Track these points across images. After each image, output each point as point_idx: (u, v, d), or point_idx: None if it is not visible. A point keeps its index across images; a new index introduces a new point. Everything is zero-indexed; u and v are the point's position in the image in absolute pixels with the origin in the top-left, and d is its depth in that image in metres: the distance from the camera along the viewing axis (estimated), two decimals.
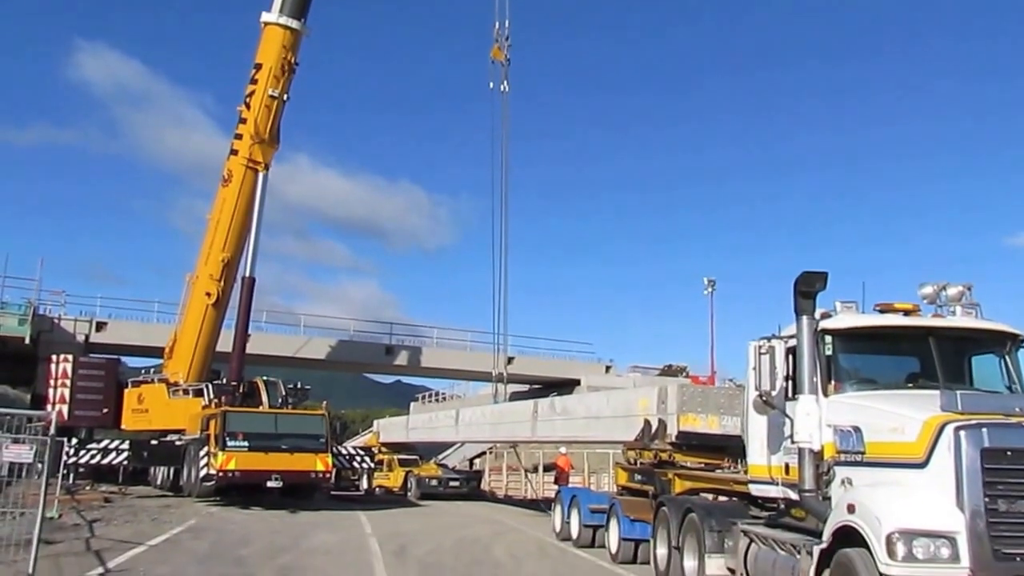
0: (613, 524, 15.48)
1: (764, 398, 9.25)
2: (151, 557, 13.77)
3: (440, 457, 40.11)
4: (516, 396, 46.45)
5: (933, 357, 9.31)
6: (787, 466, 9.38)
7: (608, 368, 51.77)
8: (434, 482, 31.11)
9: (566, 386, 44.74)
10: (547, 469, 33.54)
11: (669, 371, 52.41)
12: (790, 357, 9.47)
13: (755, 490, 10.46)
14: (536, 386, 49.52)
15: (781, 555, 9.37)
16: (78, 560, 13.03)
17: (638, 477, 16.06)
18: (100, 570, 12.11)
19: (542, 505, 26.32)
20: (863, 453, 8.45)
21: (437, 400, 57.95)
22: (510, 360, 47.84)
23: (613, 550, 15.26)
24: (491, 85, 37.42)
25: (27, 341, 37.53)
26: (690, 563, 11.55)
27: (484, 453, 43.54)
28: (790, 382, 9.45)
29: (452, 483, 31.43)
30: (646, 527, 13.90)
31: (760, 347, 9.49)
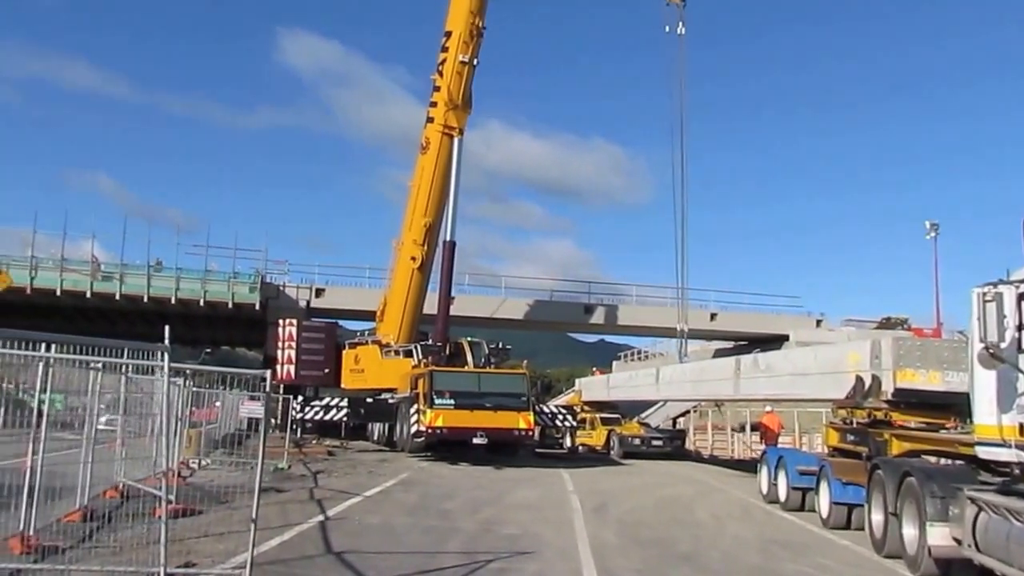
0: (823, 487, 14.69)
1: (991, 351, 8.37)
2: (366, 507, 14.59)
3: (643, 416, 39.89)
4: (720, 353, 45.37)
5: None
6: (1021, 426, 8.48)
7: (819, 322, 49.37)
8: (636, 441, 30.97)
9: (773, 342, 43.06)
10: (754, 429, 32.52)
11: (887, 324, 49.32)
12: (1021, 304, 8.49)
13: (983, 453, 9.53)
14: (741, 342, 48.08)
15: (1017, 526, 8.47)
16: (302, 507, 14.04)
17: (850, 437, 15.17)
18: (320, 518, 12.92)
19: (748, 466, 25.60)
20: None
21: (639, 358, 57.60)
22: (713, 316, 46.87)
23: (824, 514, 14.51)
24: (667, 28, 36.46)
25: (257, 307, 40.88)
26: (910, 531, 10.74)
27: (688, 412, 42.92)
28: (1022, 332, 8.48)
29: (655, 442, 31.16)
30: (859, 491, 13.07)
31: (985, 294, 8.58)
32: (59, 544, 8.77)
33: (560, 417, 29.22)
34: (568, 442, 33.00)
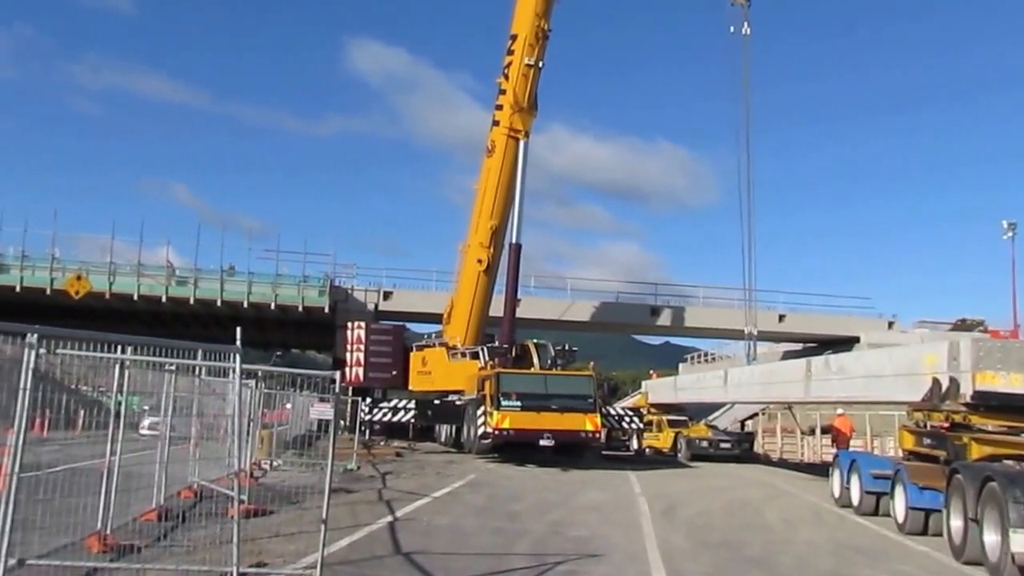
0: (899, 491, 14.30)
1: None
2: (434, 508, 14.71)
3: (710, 418, 39.41)
4: (789, 355, 44.57)
5: None
6: None
7: (891, 324, 48.17)
8: (704, 443, 30.64)
9: (843, 344, 42.11)
10: (824, 431, 31.85)
11: (963, 326, 47.88)
12: None
13: None
14: (810, 345, 47.23)
15: None
16: (371, 508, 14.22)
17: (927, 441, 14.74)
18: (389, 518, 13.06)
19: (818, 469, 25.09)
20: None
21: (706, 360, 56.93)
22: (781, 318, 46.09)
23: (899, 519, 14.12)
24: (731, 29, 36.00)
25: (326, 310, 41.59)
26: (991, 538, 10.39)
27: (756, 414, 42.26)
28: None
29: (723, 444, 30.78)
30: (937, 496, 12.70)
31: None
32: (135, 543, 9.00)
33: (626, 419, 29.04)
34: (635, 444, 32.75)
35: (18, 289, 39.24)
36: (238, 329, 8.66)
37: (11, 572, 6.90)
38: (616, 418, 28.65)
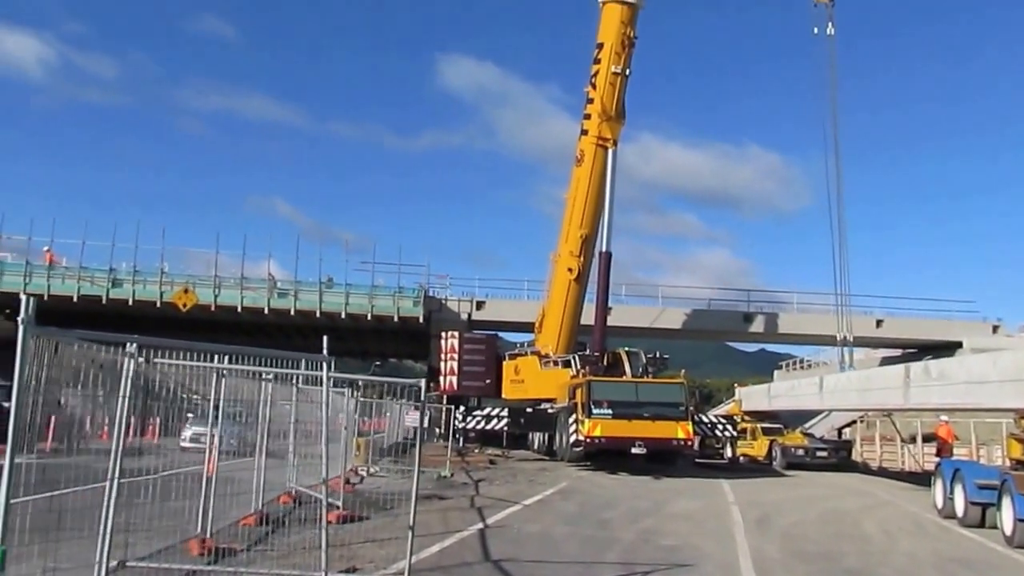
0: (1006, 502, 13.73)
1: None
2: (524, 516, 14.83)
3: (806, 426, 38.51)
4: (887, 361, 43.18)
5: None
6: None
7: (996, 328, 46.08)
8: (800, 451, 29.98)
9: (945, 349, 40.47)
10: (926, 439, 30.74)
11: None
12: None
13: None
14: (910, 350, 45.55)
15: None
16: (462, 515, 14.45)
17: None
18: (480, 525, 13.23)
19: (920, 478, 24.24)
20: None
21: (802, 367, 55.57)
22: (878, 323, 44.71)
23: (1007, 532, 13.56)
24: (815, 30, 35.30)
25: (420, 320, 42.33)
26: None
27: (854, 422, 40.95)
28: None
29: (819, 453, 30.06)
30: None
31: None
32: (234, 547, 9.37)
33: (719, 427, 28.69)
34: (728, 452, 32.30)
35: (131, 302, 41.16)
36: (324, 339, 8.97)
37: (112, 574, 7.25)
38: (709, 426, 28.33)
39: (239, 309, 41.66)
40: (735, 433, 29.63)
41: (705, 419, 28.85)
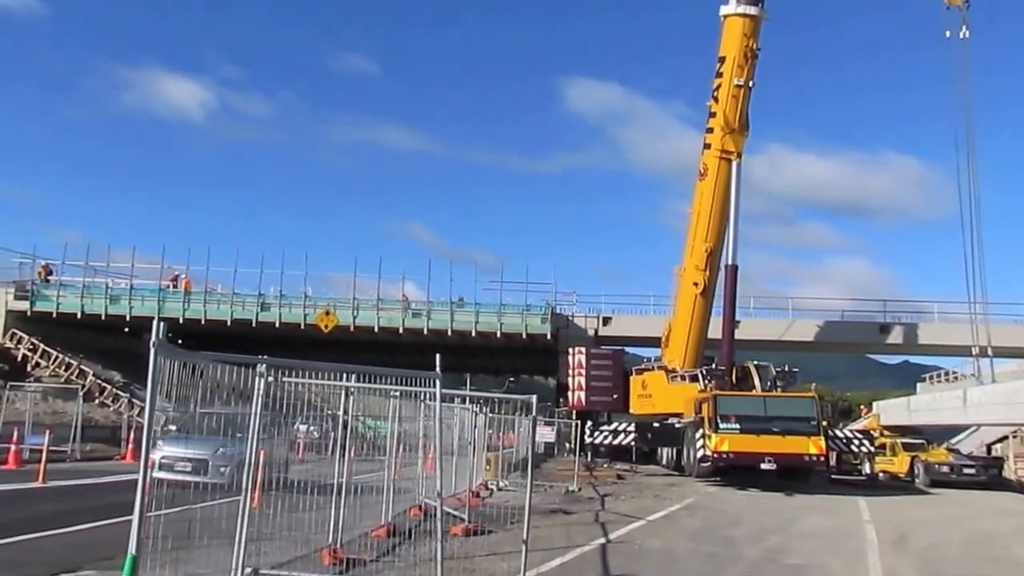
0: None
1: None
2: (647, 531, 14.86)
3: (952, 441, 36.67)
4: None
5: None
6: None
7: None
8: (944, 468, 28.66)
9: None
10: None
11: None
12: None
13: None
14: None
15: None
16: (586, 529, 14.63)
17: None
18: (602, 540, 13.36)
19: None
20: None
21: (947, 379, 52.80)
22: None
23: None
24: (946, 33, 33.81)
25: (548, 337, 42.89)
26: None
27: (1005, 438, 38.73)
28: None
29: (966, 470, 28.64)
30: None
31: None
32: (364, 557, 9.83)
33: (856, 442, 27.79)
34: (867, 469, 31.21)
35: (278, 325, 43.52)
36: (437, 356, 9.45)
37: None
38: (844, 441, 27.51)
39: (376, 329, 43.26)
40: (872, 448, 28.64)
41: (840, 434, 28.03)
